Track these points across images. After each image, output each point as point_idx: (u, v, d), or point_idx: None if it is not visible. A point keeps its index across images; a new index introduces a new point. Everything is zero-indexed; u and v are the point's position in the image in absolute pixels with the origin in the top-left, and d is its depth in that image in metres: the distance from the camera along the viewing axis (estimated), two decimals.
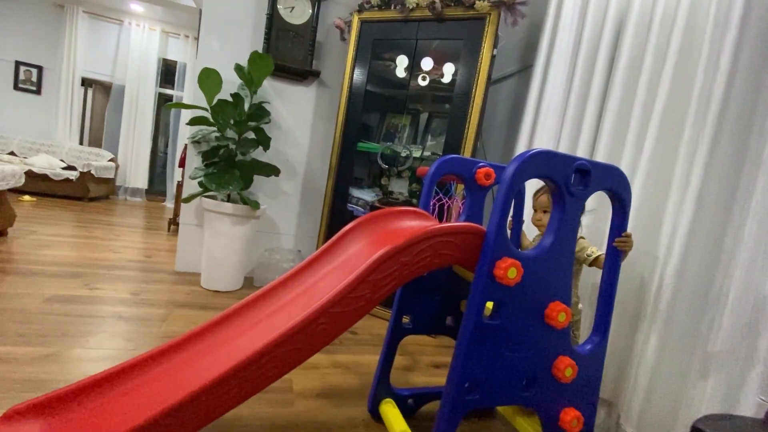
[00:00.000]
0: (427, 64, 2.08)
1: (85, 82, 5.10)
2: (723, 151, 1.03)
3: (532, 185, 1.37)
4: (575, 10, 1.58)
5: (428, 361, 1.65)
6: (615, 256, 0.95)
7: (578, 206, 0.85)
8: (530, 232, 1.37)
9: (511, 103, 2.26)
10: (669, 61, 1.19)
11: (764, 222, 0.91)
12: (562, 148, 1.53)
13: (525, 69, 2.11)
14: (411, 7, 1.88)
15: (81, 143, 5.10)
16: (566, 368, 0.85)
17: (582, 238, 1.15)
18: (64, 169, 4.31)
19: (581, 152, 1.45)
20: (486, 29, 1.75)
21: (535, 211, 1.25)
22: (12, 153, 4.44)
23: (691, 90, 1.12)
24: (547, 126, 1.61)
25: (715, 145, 1.03)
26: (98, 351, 1.30)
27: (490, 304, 0.81)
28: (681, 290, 1.06)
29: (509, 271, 0.76)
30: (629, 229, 0.94)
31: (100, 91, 5.39)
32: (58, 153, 4.60)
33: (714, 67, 1.06)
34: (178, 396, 0.67)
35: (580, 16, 1.56)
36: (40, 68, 4.82)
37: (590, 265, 1.11)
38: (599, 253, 1.09)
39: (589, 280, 1.30)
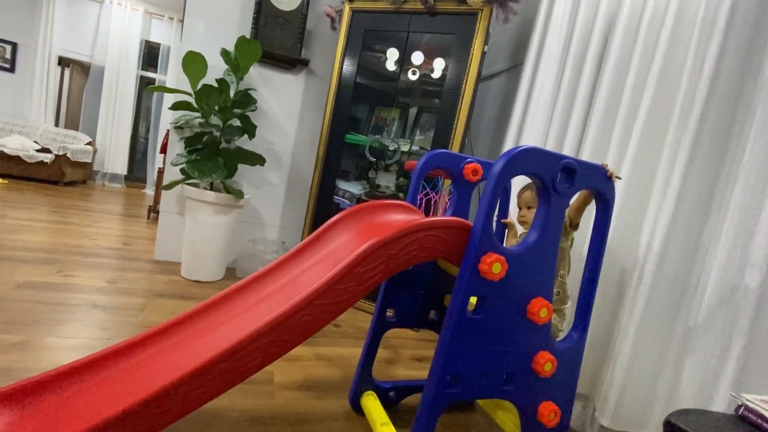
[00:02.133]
0: (417, 58, 2.07)
1: (62, 62, 4.90)
2: (703, 154, 1.05)
3: (518, 183, 1.38)
4: (566, 9, 1.59)
5: (410, 355, 1.66)
6: (597, 253, 0.97)
7: (563, 204, 0.86)
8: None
9: (500, 101, 2.27)
10: (655, 64, 1.21)
11: (741, 223, 0.94)
12: (549, 146, 1.54)
13: (515, 67, 2.12)
14: None
15: (57, 125, 4.90)
16: (546, 363, 0.86)
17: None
18: (38, 151, 4.14)
19: (567, 151, 1.47)
20: (478, 25, 1.75)
21: (520, 208, 1.25)
22: None
23: (676, 93, 1.15)
24: (534, 124, 1.62)
25: (696, 147, 1.05)
26: (71, 340, 1.26)
27: (473, 299, 0.82)
28: (658, 288, 1.09)
29: (494, 266, 0.77)
30: (611, 228, 0.96)
31: (78, 72, 5.18)
32: (31, 134, 4.41)
33: (698, 72, 1.08)
34: (155, 386, 0.65)
35: (570, 16, 1.58)
36: (14, 45, 4.60)
37: (573, 227, 1.08)
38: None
39: (572, 275, 1.32)
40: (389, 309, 1.17)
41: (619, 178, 1.00)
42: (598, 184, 0.91)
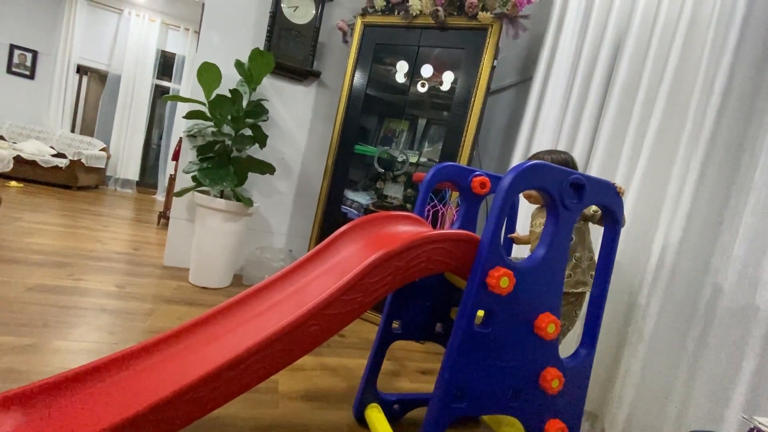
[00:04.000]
0: (427, 71, 2.09)
1: (81, 70, 5.03)
2: (714, 171, 1.05)
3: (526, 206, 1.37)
4: (576, 26, 1.61)
5: (415, 367, 1.65)
6: (605, 270, 0.96)
7: (572, 220, 0.86)
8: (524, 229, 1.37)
9: (509, 114, 2.28)
10: (665, 80, 1.22)
11: (752, 241, 0.93)
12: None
13: (524, 81, 2.13)
14: (414, 13, 1.89)
15: (73, 131, 5.02)
16: (553, 379, 0.85)
17: None
18: (53, 156, 4.23)
19: None
20: (487, 40, 1.77)
21: None
22: (1, 137, 4.35)
23: (686, 110, 1.15)
24: (543, 138, 1.63)
25: (707, 165, 1.05)
26: (80, 343, 1.27)
27: (480, 313, 0.81)
28: (668, 305, 1.08)
29: (501, 280, 0.77)
30: (620, 245, 0.95)
31: (96, 80, 5.32)
32: (48, 139, 4.52)
33: (708, 90, 1.08)
34: (161, 393, 0.66)
35: (580, 32, 1.59)
36: (35, 53, 4.75)
37: (596, 222, 1.06)
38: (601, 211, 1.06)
39: None
40: (395, 321, 1.17)
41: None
42: (607, 200, 0.91)
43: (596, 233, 1.08)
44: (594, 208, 1.08)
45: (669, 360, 1.07)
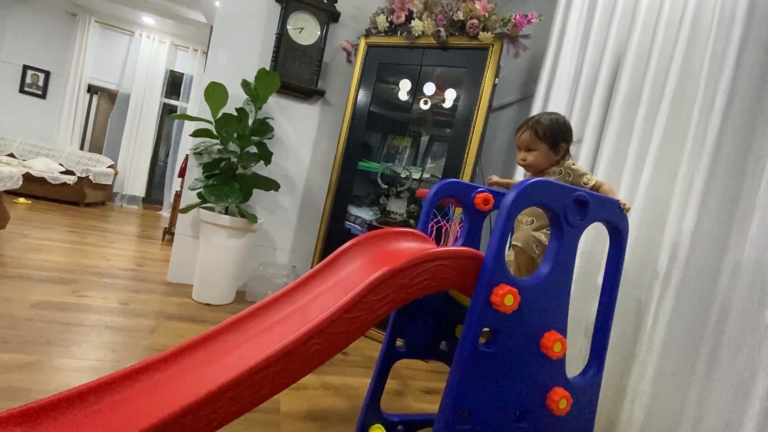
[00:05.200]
0: (429, 89, 2.13)
1: (91, 89, 5.16)
2: (718, 187, 1.04)
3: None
4: (575, 44, 1.63)
5: (420, 387, 1.62)
6: (611, 287, 0.95)
7: (576, 236, 0.86)
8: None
9: (511, 131, 2.29)
10: (666, 97, 1.23)
11: (760, 256, 0.92)
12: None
13: (525, 98, 2.16)
14: (417, 34, 1.93)
15: (82, 148, 5.12)
16: (561, 400, 0.83)
17: (574, 163, 1.12)
18: (62, 173, 4.30)
19: None
20: (489, 59, 1.80)
21: (519, 150, 1.19)
22: (11, 155, 4.44)
23: (688, 126, 1.15)
24: None
25: (711, 180, 1.05)
26: (82, 361, 1.27)
27: (485, 331, 0.80)
28: (677, 324, 1.06)
29: (506, 298, 0.76)
30: (625, 261, 0.95)
31: (105, 98, 5.44)
32: (57, 157, 4.60)
33: (709, 106, 1.09)
34: (162, 413, 0.65)
35: (580, 50, 1.62)
36: (47, 73, 4.88)
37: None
38: (595, 180, 1.06)
39: (587, 309, 1.29)
40: (399, 339, 1.15)
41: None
42: (612, 216, 0.91)
43: (602, 242, 1.07)
44: (585, 179, 1.07)
45: (679, 379, 1.04)
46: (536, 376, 0.83)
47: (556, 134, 1.11)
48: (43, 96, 4.89)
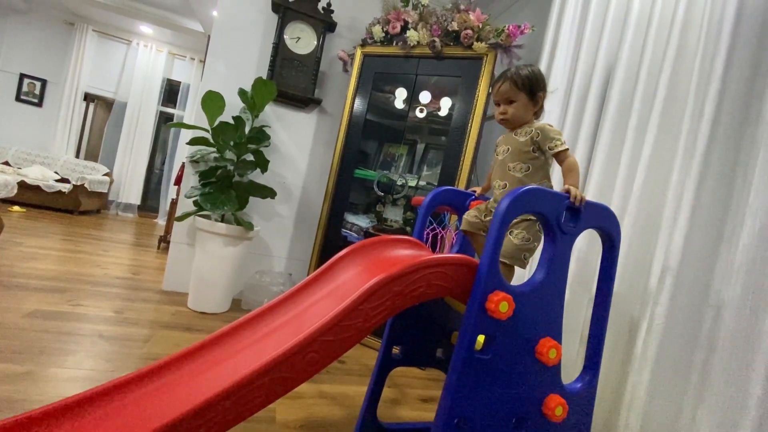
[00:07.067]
0: (425, 97, 2.15)
1: (88, 97, 5.16)
2: (709, 195, 1.06)
3: None
4: (567, 55, 1.66)
5: (416, 395, 1.61)
6: (605, 293, 0.96)
7: (569, 243, 0.87)
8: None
9: None
10: (656, 107, 1.25)
11: (751, 264, 0.93)
12: (554, 186, 1.56)
13: None
14: (412, 44, 1.96)
15: (77, 156, 5.10)
16: (557, 407, 0.83)
17: (550, 125, 1.05)
18: (57, 181, 4.28)
19: None
20: (483, 68, 1.83)
21: (498, 104, 1.12)
22: (6, 163, 4.42)
23: (678, 136, 1.17)
24: None
25: (701, 189, 1.06)
26: (75, 371, 1.25)
27: (481, 338, 0.81)
28: (671, 331, 1.07)
29: (501, 304, 0.77)
30: (619, 268, 0.95)
31: (102, 107, 5.45)
32: (53, 165, 4.58)
33: (698, 116, 1.11)
34: (156, 423, 0.65)
35: (572, 60, 1.65)
36: (44, 81, 4.88)
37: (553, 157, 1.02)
38: (564, 147, 1.00)
39: (582, 315, 1.30)
40: (395, 346, 1.15)
41: None
42: (604, 223, 0.92)
43: (596, 248, 1.08)
44: (553, 143, 1.01)
45: (675, 386, 1.05)
46: (532, 382, 0.84)
47: (533, 83, 1.07)
48: (39, 104, 4.88)
